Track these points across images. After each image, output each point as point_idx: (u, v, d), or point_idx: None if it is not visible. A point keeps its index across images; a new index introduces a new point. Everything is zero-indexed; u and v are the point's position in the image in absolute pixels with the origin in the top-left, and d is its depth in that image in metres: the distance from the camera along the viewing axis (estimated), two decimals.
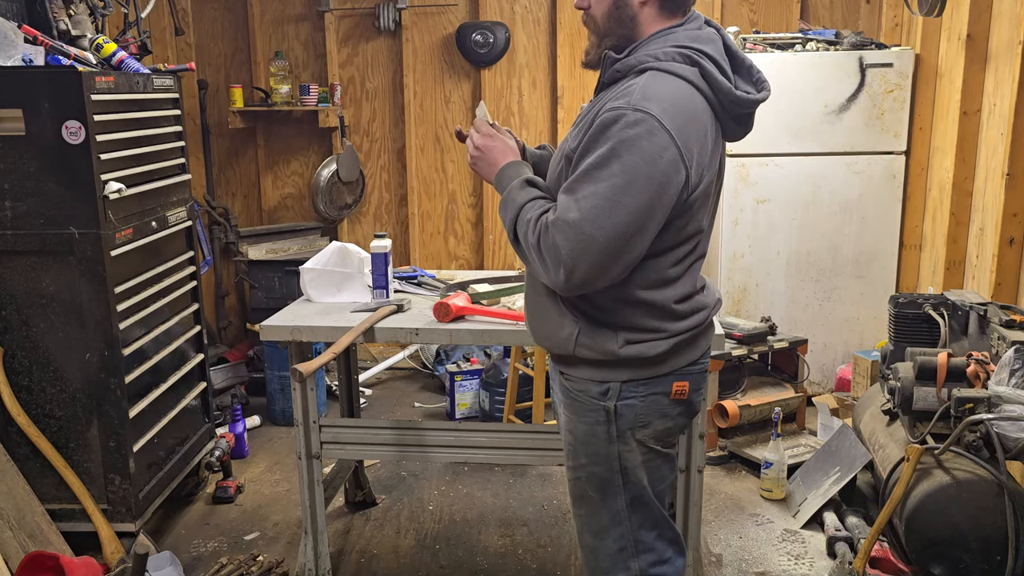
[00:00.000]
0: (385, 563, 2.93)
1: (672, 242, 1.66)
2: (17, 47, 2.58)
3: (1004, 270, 3.22)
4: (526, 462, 3.40)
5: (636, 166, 1.51)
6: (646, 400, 1.74)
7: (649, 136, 1.51)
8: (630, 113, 1.52)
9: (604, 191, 1.51)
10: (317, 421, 2.57)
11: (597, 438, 1.76)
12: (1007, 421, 2.42)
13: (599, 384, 1.73)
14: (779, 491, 3.31)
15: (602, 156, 1.53)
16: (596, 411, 1.75)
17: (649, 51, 1.63)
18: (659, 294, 1.69)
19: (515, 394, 3.78)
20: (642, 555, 1.83)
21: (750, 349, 3.63)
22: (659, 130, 1.52)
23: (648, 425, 1.76)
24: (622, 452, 1.76)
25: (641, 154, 1.51)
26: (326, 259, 2.74)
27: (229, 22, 4.75)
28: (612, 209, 1.51)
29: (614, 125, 1.53)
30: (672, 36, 1.65)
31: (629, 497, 1.79)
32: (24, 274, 2.63)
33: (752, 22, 4.56)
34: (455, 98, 4.78)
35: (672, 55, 1.61)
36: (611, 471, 1.78)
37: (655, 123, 1.52)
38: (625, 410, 1.73)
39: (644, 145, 1.51)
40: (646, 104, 1.53)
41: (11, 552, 2.47)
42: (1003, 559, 2.39)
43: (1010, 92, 3.17)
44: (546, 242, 1.57)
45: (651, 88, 1.56)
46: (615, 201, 1.51)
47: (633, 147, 1.51)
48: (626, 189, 1.51)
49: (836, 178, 4.08)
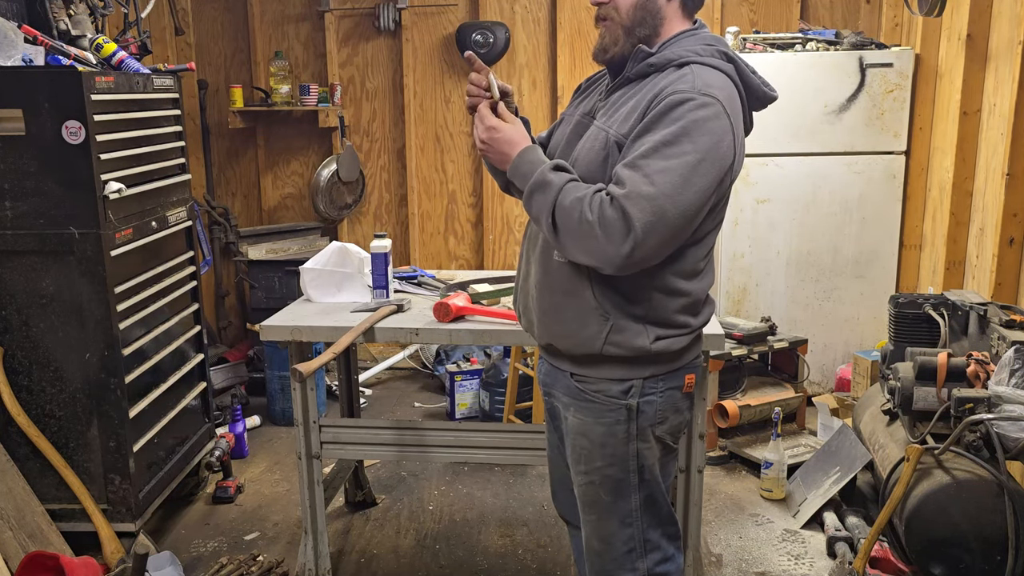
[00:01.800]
0: (385, 563, 2.94)
1: (707, 230, 1.69)
2: (17, 47, 2.58)
3: (1004, 270, 3.22)
4: (526, 462, 3.40)
5: (707, 147, 1.55)
6: (664, 395, 1.76)
7: (716, 119, 1.56)
8: (698, 96, 1.56)
9: (678, 167, 1.53)
10: (317, 421, 2.57)
11: (615, 438, 1.75)
12: (1007, 421, 2.42)
13: (621, 382, 1.73)
14: (779, 491, 3.31)
15: (672, 135, 1.54)
16: (616, 410, 1.74)
17: (685, 47, 1.67)
18: (693, 284, 1.71)
19: (515, 394, 3.78)
20: (649, 555, 1.84)
21: (750, 349, 3.63)
22: (723, 115, 1.57)
23: (665, 421, 1.78)
24: (641, 450, 1.76)
25: (711, 136, 1.55)
26: (326, 259, 2.74)
27: (229, 22, 4.75)
28: (685, 186, 1.54)
29: (680, 106, 1.55)
30: (698, 36, 1.71)
31: (642, 496, 1.80)
32: (24, 274, 2.63)
33: (752, 22, 4.56)
34: (455, 98, 4.78)
35: (711, 52, 1.66)
36: (627, 471, 1.77)
37: (720, 108, 1.57)
38: (646, 407, 1.74)
39: (713, 127, 1.55)
40: (711, 90, 1.58)
41: (11, 552, 2.47)
42: (1003, 559, 2.39)
43: (1010, 92, 3.17)
44: (610, 215, 1.54)
45: (706, 78, 1.60)
46: (687, 179, 1.54)
47: (703, 128, 1.55)
48: (697, 168, 1.54)
49: (836, 178, 4.08)
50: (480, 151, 1.77)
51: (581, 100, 1.88)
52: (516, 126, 1.75)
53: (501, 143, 1.73)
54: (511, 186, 1.76)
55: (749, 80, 1.69)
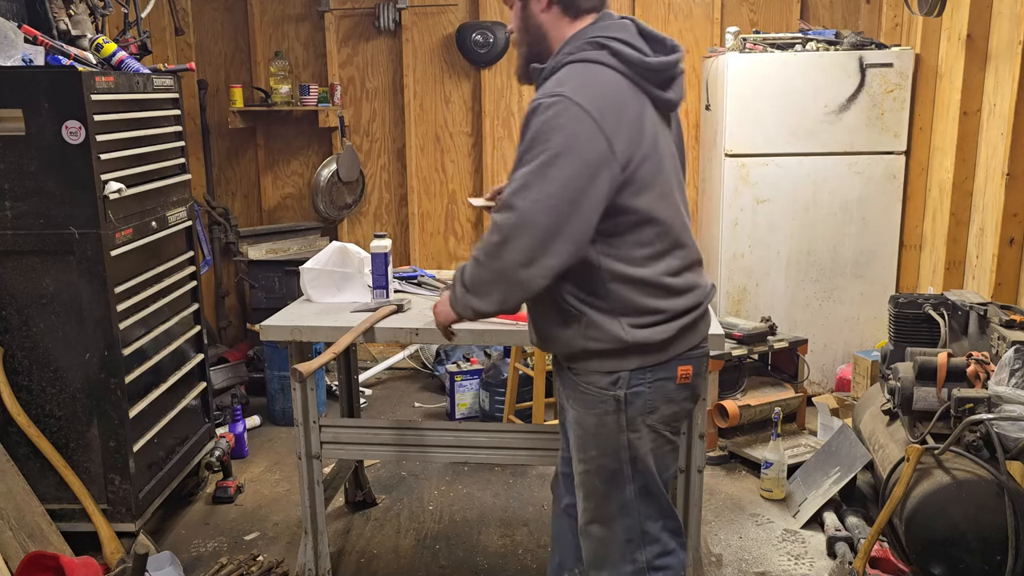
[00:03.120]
0: (385, 563, 2.93)
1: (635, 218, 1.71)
2: (17, 47, 2.57)
3: (1004, 270, 3.22)
4: (526, 462, 3.40)
5: (557, 142, 1.62)
6: (653, 386, 1.80)
7: (565, 113, 1.63)
8: (545, 100, 1.65)
9: (533, 168, 1.63)
10: (317, 421, 2.57)
11: (607, 428, 1.82)
12: (1007, 421, 2.42)
13: (608, 374, 1.79)
14: (779, 491, 3.31)
15: (527, 143, 1.66)
16: (606, 401, 1.80)
17: (565, 52, 1.76)
18: (646, 270, 1.75)
19: (515, 394, 3.78)
20: (648, 547, 1.88)
21: (750, 349, 3.63)
22: (572, 106, 1.63)
23: (656, 411, 1.82)
24: (632, 440, 1.81)
25: (560, 131, 1.62)
26: (326, 259, 2.74)
27: (229, 22, 4.75)
28: (540, 182, 1.62)
29: (532, 115, 1.66)
30: (581, 34, 1.77)
31: (638, 487, 1.84)
32: (24, 274, 2.63)
33: (752, 22, 4.56)
34: (455, 98, 4.78)
35: (581, 46, 1.73)
36: (620, 461, 1.83)
37: (568, 101, 1.63)
38: (634, 398, 1.79)
39: (561, 122, 1.63)
40: (558, 89, 1.66)
41: (11, 552, 2.47)
42: (1003, 559, 2.39)
43: (1010, 92, 3.17)
44: (486, 243, 1.68)
45: (564, 77, 1.69)
46: (541, 175, 1.62)
47: (551, 126, 1.63)
48: (553, 163, 1.62)
49: (836, 178, 4.08)
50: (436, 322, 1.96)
51: None
52: None
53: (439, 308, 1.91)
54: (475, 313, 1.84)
55: (627, 55, 1.70)
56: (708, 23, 4.57)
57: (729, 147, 4.04)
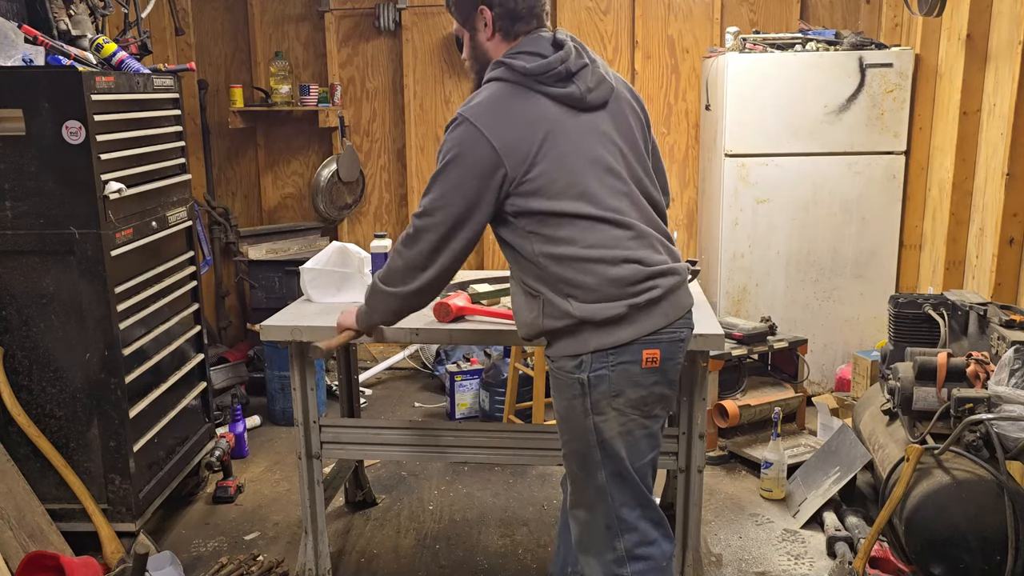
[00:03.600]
0: (385, 563, 2.94)
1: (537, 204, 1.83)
2: (17, 47, 2.58)
3: (1004, 270, 3.22)
4: (526, 462, 3.40)
5: (449, 154, 1.84)
6: (616, 369, 1.84)
7: (455, 130, 1.84)
8: (449, 124, 1.88)
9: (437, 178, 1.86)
10: (317, 421, 2.57)
11: (575, 412, 1.88)
12: (1007, 421, 2.42)
13: (572, 358, 1.85)
14: (779, 491, 3.31)
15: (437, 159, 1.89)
16: (572, 385, 1.86)
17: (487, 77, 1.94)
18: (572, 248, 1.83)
19: (515, 394, 3.78)
20: (626, 535, 1.91)
21: (750, 349, 3.63)
22: (463, 123, 1.83)
23: (621, 394, 1.85)
24: (598, 423, 1.86)
25: (450, 144, 1.84)
26: (326, 259, 2.74)
27: (229, 22, 4.75)
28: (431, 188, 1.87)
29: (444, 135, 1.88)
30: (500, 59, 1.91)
31: (608, 472, 1.88)
32: (24, 274, 2.63)
33: (752, 22, 4.56)
34: (455, 98, 4.78)
35: (493, 66, 1.91)
36: (589, 445, 1.88)
37: (461, 120, 1.84)
38: (597, 381, 1.84)
39: (452, 138, 1.84)
40: (460, 111, 1.86)
41: (11, 552, 2.47)
42: (1003, 559, 2.39)
43: (1010, 92, 3.17)
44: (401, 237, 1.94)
45: (469, 99, 1.89)
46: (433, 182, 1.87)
47: (447, 144, 1.85)
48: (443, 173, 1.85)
49: (836, 178, 4.08)
50: None
51: None
52: None
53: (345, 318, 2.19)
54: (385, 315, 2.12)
55: (514, 66, 1.85)
56: (708, 23, 4.57)
57: (729, 147, 4.04)
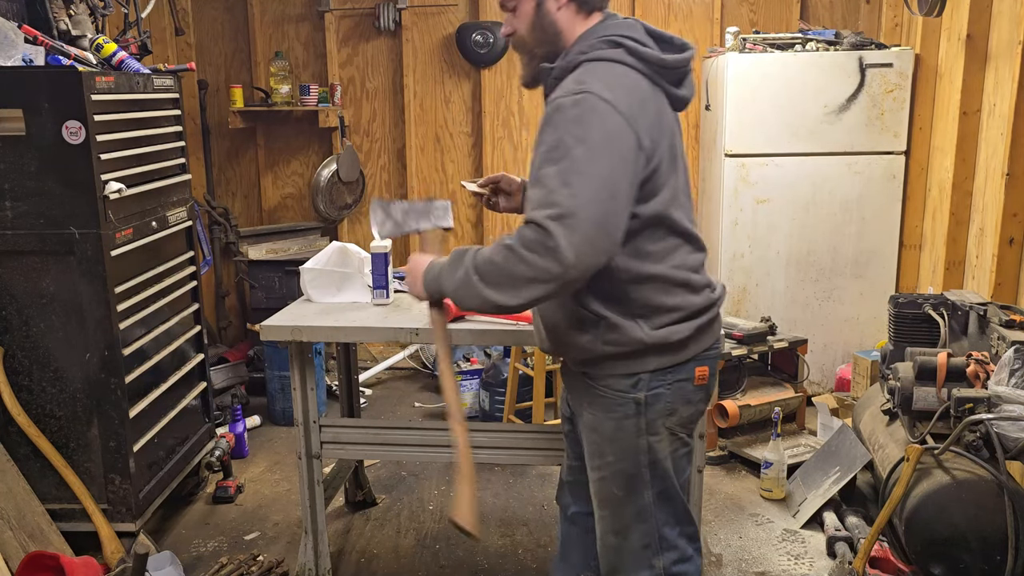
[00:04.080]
0: (385, 563, 2.94)
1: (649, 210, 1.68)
2: (17, 47, 2.58)
3: (1004, 270, 3.22)
4: (526, 462, 3.40)
5: (589, 138, 1.57)
6: (672, 388, 1.77)
7: (592, 110, 1.59)
8: (568, 97, 1.61)
9: (569, 166, 1.56)
10: (317, 421, 2.57)
11: (625, 432, 1.78)
12: (1007, 421, 2.42)
13: (628, 377, 1.76)
14: (779, 491, 3.31)
15: (556, 140, 1.58)
16: (625, 404, 1.77)
17: (577, 50, 1.71)
18: (661, 266, 1.73)
19: (515, 394, 3.78)
20: (666, 553, 1.84)
21: (750, 349, 3.62)
22: (599, 102, 1.59)
23: (675, 413, 1.79)
24: (652, 443, 1.78)
25: (589, 127, 1.58)
26: (326, 259, 2.74)
27: (229, 22, 4.75)
28: (581, 179, 1.55)
29: (557, 113, 1.61)
30: (592, 31, 1.73)
31: (656, 491, 1.81)
32: (24, 274, 2.63)
33: (752, 22, 4.56)
34: (455, 98, 4.78)
35: (596, 45, 1.69)
36: (639, 466, 1.79)
37: (594, 98, 1.59)
38: (654, 400, 1.76)
39: (590, 118, 1.58)
40: (582, 85, 1.62)
41: (11, 552, 2.47)
42: (1003, 559, 2.39)
43: (1010, 92, 3.17)
44: (527, 239, 1.56)
45: (584, 76, 1.65)
46: (579, 172, 1.55)
47: (581, 123, 1.58)
48: (589, 159, 1.56)
49: (836, 178, 4.08)
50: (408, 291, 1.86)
51: None
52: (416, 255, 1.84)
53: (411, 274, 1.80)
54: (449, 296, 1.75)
55: (644, 54, 1.68)
56: (708, 23, 4.57)
57: (729, 147, 4.04)
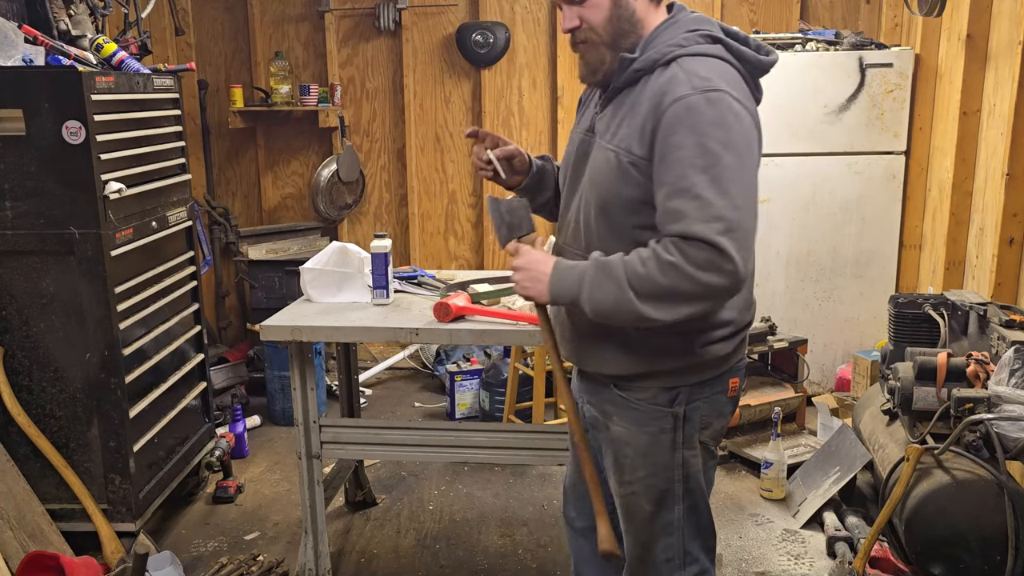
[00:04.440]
0: (385, 563, 2.94)
1: None
2: (17, 47, 2.58)
3: (1004, 270, 3.22)
4: (526, 462, 3.40)
5: (734, 142, 1.49)
6: (709, 401, 1.71)
7: (730, 111, 1.50)
8: (700, 95, 1.50)
9: (720, 175, 1.46)
10: (317, 421, 2.57)
11: (661, 447, 1.70)
12: (1007, 421, 2.42)
13: (667, 391, 1.68)
14: (779, 491, 3.31)
15: (699, 144, 1.48)
16: (662, 418, 1.69)
17: (666, 42, 1.60)
18: None
19: (515, 394, 3.78)
20: (689, 567, 1.79)
21: (750, 349, 3.63)
22: (733, 101, 1.52)
23: (710, 426, 1.74)
24: (687, 458, 1.72)
25: (731, 130, 1.50)
26: (326, 259, 2.74)
27: (229, 22, 4.75)
28: (737, 189, 1.47)
29: (690, 113, 1.49)
30: (677, 24, 1.64)
31: (686, 506, 1.75)
32: (24, 274, 2.63)
33: (752, 22, 4.56)
34: (455, 98, 4.78)
35: (692, 39, 1.60)
36: (672, 481, 1.72)
37: (728, 97, 1.51)
38: (692, 413, 1.70)
39: (731, 121, 1.50)
40: (710, 82, 1.51)
41: (11, 552, 2.47)
42: (1003, 559, 2.39)
43: (1010, 92, 3.17)
44: (697, 258, 1.46)
45: (697, 71, 1.54)
46: (733, 180, 1.47)
47: (722, 126, 1.49)
48: (739, 165, 1.49)
49: (836, 178, 4.08)
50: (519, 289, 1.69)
51: (582, 114, 1.84)
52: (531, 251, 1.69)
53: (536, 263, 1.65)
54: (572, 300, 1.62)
55: (742, 53, 1.61)
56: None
57: None
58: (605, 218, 1.64)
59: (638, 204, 1.59)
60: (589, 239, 1.68)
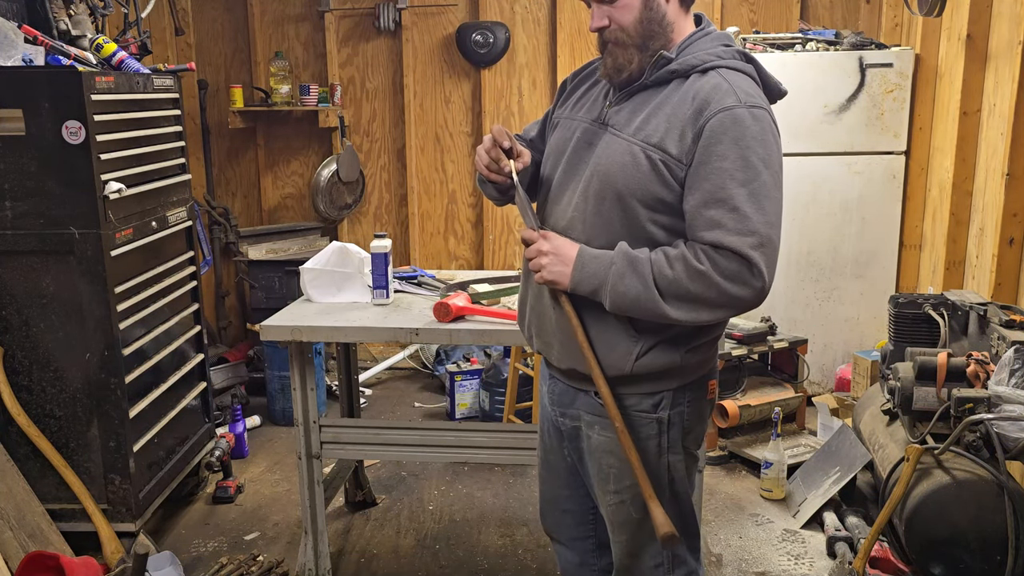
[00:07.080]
0: (385, 563, 2.94)
1: None
2: (17, 47, 2.58)
3: (1004, 270, 3.22)
4: (526, 462, 3.38)
5: (772, 160, 1.55)
6: (691, 405, 1.72)
7: (769, 129, 1.56)
8: (746, 111, 1.54)
9: (758, 190, 1.52)
10: (317, 421, 2.57)
11: (646, 454, 1.70)
12: (1007, 421, 2.42)
13: (651, 396, 1.69)
14: (779, 491, 3.31)
15: (743, 158, 1.52)
16: (647, 425, 1.70)
17: (704, 50, 1.63)
18: None
19: (515, 394, 3.78)
20: (676, 570, 1.80)
21: (750, 349, 3.63)
22: (771, 122, 1.58)
23: (692, 430, 1.75)
24: (672, 463, 1.73)
25: (771, 148, 1.55)
26: (326, 259, 2.74)
27: (229, 22, 4.75)
28: (775, 205, 1.54)
29: (736, 126, 1.53)
30: (712, 36, 1.66)
31: (672, 512, 1.73)
32: (24, 274, 2.63)
33: (752, 22, 4.56)
34: (455, 98, 4.78)
35: (731, 53, 1.63)
36: (658, 487, 1.71)
37: (768, 116, 1.57)
38: (676, 418, 1.71)
39: (771, 140, 1.56)
40: (753, 100, 1.56)
41: (11, 552, 2.47)
42: (1003, 559, 2.39)
43: (1010, 92, 3.17)
44: (727, 269, 1.50)
45: (741, 84, 1.58)
46: (769, 196, 1.53)
47: (764, 143, 1.54)
48: (774, 184, 1.55)
49: (836, 178, 4.08)
50: (543, 278, 1.66)
51: (577, 102, 1.80)
52: (558, 236, 1.68)
53: (563, 248, 1.64)
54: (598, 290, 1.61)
55: (767, 78, 1.66)
56: None
57: None
58: (621, 209, 1.62)
59: (658, 202, 1.60)
60: (587, 226, 1.66)
